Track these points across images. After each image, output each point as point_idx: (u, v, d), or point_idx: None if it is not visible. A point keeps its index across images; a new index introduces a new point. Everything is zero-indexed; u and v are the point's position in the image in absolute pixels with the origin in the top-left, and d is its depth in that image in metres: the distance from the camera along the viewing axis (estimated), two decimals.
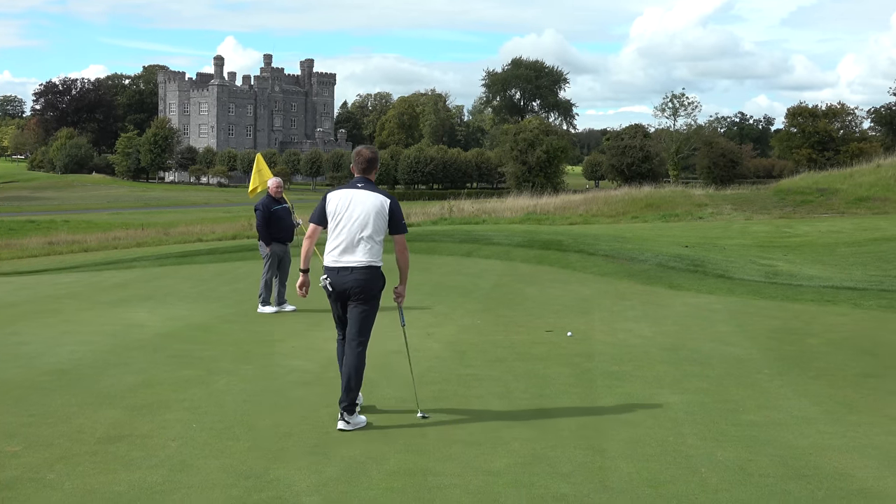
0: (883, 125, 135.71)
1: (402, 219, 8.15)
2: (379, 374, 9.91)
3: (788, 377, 9.95)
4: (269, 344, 11.79)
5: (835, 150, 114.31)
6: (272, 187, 14.89)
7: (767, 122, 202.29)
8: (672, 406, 8.63)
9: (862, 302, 15.21)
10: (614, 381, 9.70)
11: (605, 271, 19.60)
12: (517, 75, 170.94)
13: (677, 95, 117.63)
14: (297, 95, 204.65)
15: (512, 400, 8.86)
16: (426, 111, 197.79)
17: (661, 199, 49.38)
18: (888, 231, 30.94)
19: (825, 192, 47.38)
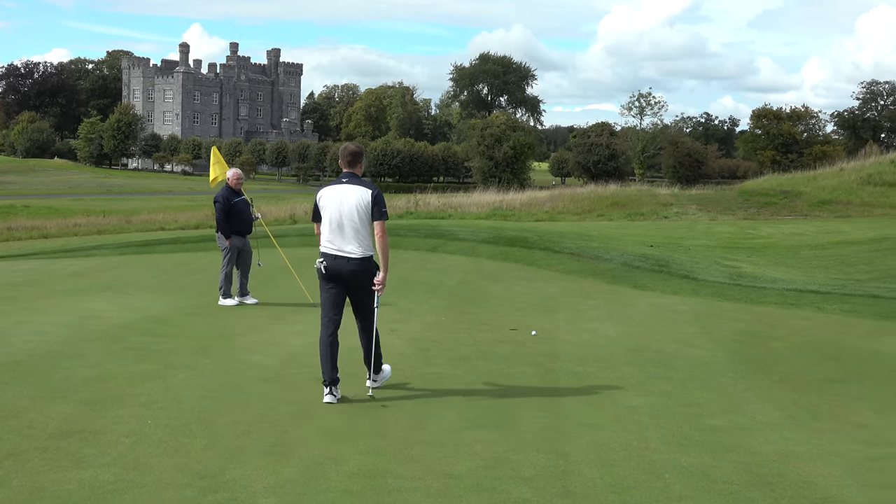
0: (845, 129, 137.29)
1: (382, 206, 8.67)
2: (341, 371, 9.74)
3: (752, 381, 9.91)
4: (229, 338, 11.60)
5: (798, 152, 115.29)
6: (232, 179, 14.67)
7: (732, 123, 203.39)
8: (636, 409, 8.56)
9: (825, 306, 15.25)
10: (578, 383, 9.62)
11: (571, 269, 19.54)
12: (485, 70, 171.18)
13: (644, 94, 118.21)
14: (264, 85, 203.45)
15: (475, 400, 8.75)
16: (393, 104, 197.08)
17: (626, 197, 49.50)
18: (850, 234, 31.16)
19: (789, 195, 47.71)
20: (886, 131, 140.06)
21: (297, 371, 9.77)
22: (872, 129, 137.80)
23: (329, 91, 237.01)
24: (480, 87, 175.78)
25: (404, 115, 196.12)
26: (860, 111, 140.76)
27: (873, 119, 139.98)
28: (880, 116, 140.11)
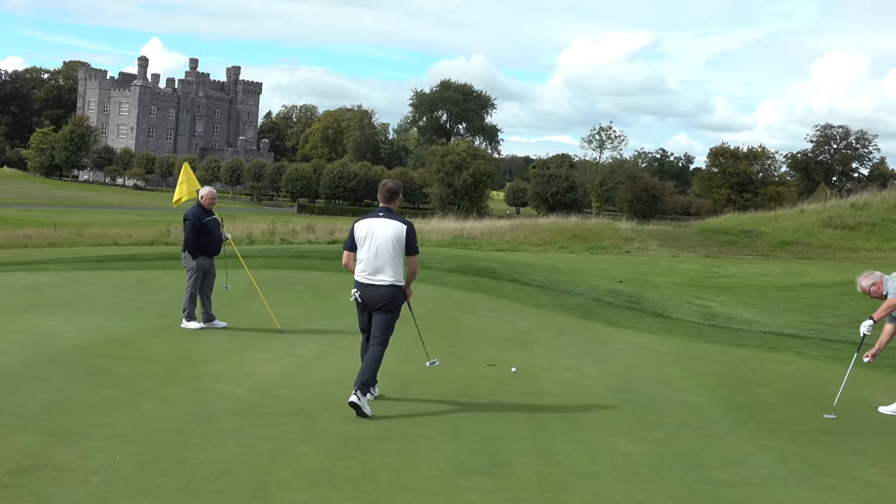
0: (798, 170, 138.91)
1: (414, 242, 9.52)
2: (318, 405, 9.24)
3: (747, 430, 9.54)
4: (195, 364, 11.03)
5: (754, 192, 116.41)
6: (206, 197, 14.11)
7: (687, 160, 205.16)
8: (633, 458, 8.14)
9: (805, 351, 14.99)
10: (568, 426, 9.18)
11: (541, 303, 19.17)
12: (445, 97, 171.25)
13: (605, 128, 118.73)
14: (222, 102, 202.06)
15: (463, 443, 8.26)
16: (351, 126, 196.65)
17: (587, 230, 49.41)
18: (816, 277, 31.14)
19: (750, 234, 47.88)
20: (838, 174, 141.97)
21: (271, 403, 9.23)
22: (825, 172, 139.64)
23: (287, 111, 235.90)
24: (440, 114, 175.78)
25: (362, 139, 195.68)
26: (813, 153, 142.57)
27: (826, 162, 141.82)
28: (832, 160, 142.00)
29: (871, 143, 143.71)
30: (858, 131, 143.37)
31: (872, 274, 11.08)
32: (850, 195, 58.94)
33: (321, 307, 17.11)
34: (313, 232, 44.41)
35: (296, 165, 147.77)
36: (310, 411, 8.93)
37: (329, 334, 14.06)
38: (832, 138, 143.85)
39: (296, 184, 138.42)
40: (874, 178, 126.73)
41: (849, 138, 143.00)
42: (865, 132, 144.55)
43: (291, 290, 18.72)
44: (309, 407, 9.12)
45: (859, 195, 54.78)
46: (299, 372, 10.98)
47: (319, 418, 8.72)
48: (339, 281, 20.74)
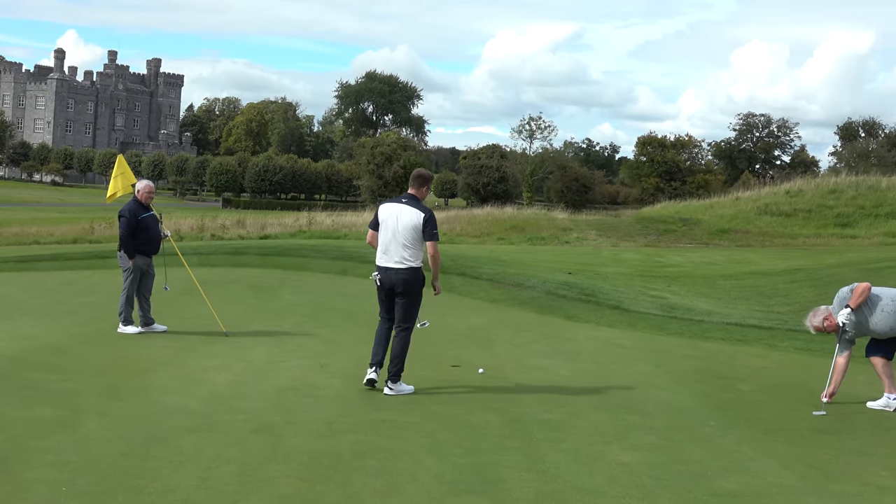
0: (722, 159, 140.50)
1: (433, 228, 9.83)
2: (280, 418, 8.44)
3: (740, 431, 8.98)
4: (139, 374, 10.14)
5: (682, 180, 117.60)
6: (143, 191, 13.16)
7: (613, 149, 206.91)
8: (631, 468, 7.50)
9: (775, 343, 14.56)
10: (552, 433, 8.52)
11: (494, 298, 18.52)
12: (371, 88, 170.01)
13: (535, 118, 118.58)
14: (142, 95, 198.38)
15: (446, 457, 7.55)
16: (275, 119, 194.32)
17: (524, 221, 48.94)
18: (761, 265, 30.98)
19: (688, 223, 47.86)
20: (761, 162, 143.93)
21: (229, 418, 8.40)
22: (748, 160, 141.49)
23: (209, 104, 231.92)
24: (366, 106, 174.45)
25: (286, 131, 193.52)
26: (737, 142, 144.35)
27: (749, 150, 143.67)
28: (755, 148, 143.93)
29: (793, 131, 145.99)
30: (780, 119, 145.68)
31: (818, 310, 10.71)
32: (773, 182, 59.34)
33: (264, 306, 16.24)
34: (244, 227, 43.28)
35: (220, 159, 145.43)
36: (273, 426, 8.14)
37: (277, 336, 13.25)
38: (755, 127, 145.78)
39: (220, 178, 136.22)
40: (796, 166, 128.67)
41: (771, 126, 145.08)
42: (787, 120, 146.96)
43: (231, 289, 17.81)
44: (271, 421, 8.32)
45: (793, 182, 55.20)
46: (252, 380, 10.17)
47: (284, 434, 7.93)
48: (279, 278, 19.93)
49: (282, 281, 19.46)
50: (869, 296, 10.23)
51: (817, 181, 53.68)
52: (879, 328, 10.23)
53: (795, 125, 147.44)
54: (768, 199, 50.74)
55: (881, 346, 10.40)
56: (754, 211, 48.76)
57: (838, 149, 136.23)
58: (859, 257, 31.10)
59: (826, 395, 10.35)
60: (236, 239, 37.31)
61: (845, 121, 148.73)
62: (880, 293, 10.31)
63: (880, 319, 10.18)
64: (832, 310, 10.45)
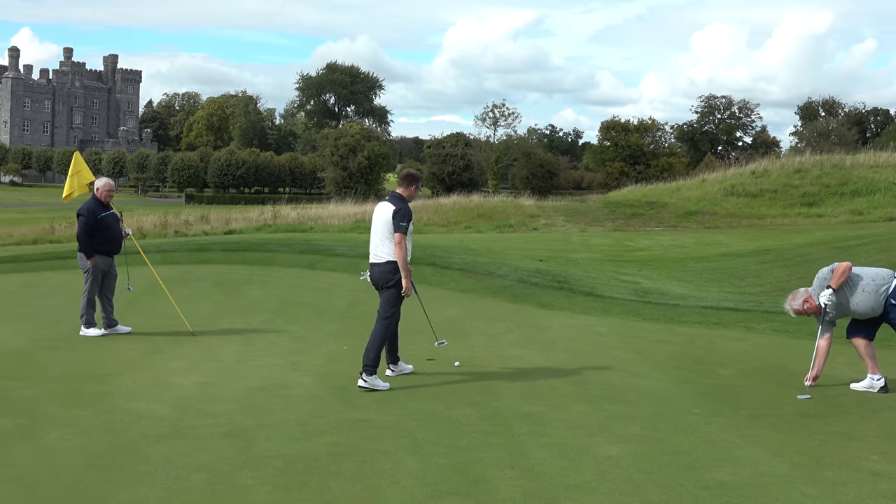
0: (685, 141, 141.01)
1: (399, 220, 9.96)
2: (252, 421, 8.12)
3: (725, 418, 8.76)
4: (103, 379, 9.77)
5: (646, 163, 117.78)
6: (103, 190, 12.75)
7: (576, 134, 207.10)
8: (618, 461, 7.26)
9: (752, 325, 14.38)
10: (534, 427, 8.26)
11: (465, 287, 18.26)
12: (332, 80, 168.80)
13: (498, 105, 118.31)
14: (100, 92, 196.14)
15: (427, 456, 7.27)
16: (236, 113, 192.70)
17: (492, 209, 48.69)
18: (731, 246, 30.92)
19: (655, 206, 47.79)
20: (723, 144, 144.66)
21: (198, 423, 8.07)
22: (710, 142, 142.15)
23: (169, 99, 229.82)
24: (328, 97, 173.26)
25: (248, 125, 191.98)
26: (699, 124, 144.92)
27: (711, 132, 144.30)
28: (717, 130, 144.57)
29: (754, 112, 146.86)
30: (741, 101, 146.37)
31: (797, 293, 10.51)
32: (736, 163, 59.43)
33: (231, 304, 15.89)
34: (208, 222, 42.71)
35: (181, 155, 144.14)
36: (244, 430, 7.82)
37: (245, 334, 12.92)
38: (716, 109, 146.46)
39: (182, 173, 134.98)
40: (758, 147, 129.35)
41: (732, 108, 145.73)
42: (748, 101, 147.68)
43: (197, 287, 17.43)
44: (242, 424, 8.01)
45: (758, 162, 55.29)
46: (222, 381, 9.84)
47: (257, 438, 7.61)
48: (245, 274, 19.57)
49: (248, 277, 19.10)
50: (849, 276, 10.06)
51: (782, 161, 53.87)
52: (860, 308, 10.06)
53: (756, 106, 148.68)
54: (734, 181, 50.79)
55: (862, 327, 10.24)
56: (721, 192, 48.80)
57: (799, 129, 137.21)
58: (828, 236, 31.13)
59: (809, 378, 10.16)
60: (200, 235, 36.78)
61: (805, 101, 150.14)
62: (861, 273, 10.14)
63: (861, 300, 10.01)
64: (812, 291, 10.26)
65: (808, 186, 47.82)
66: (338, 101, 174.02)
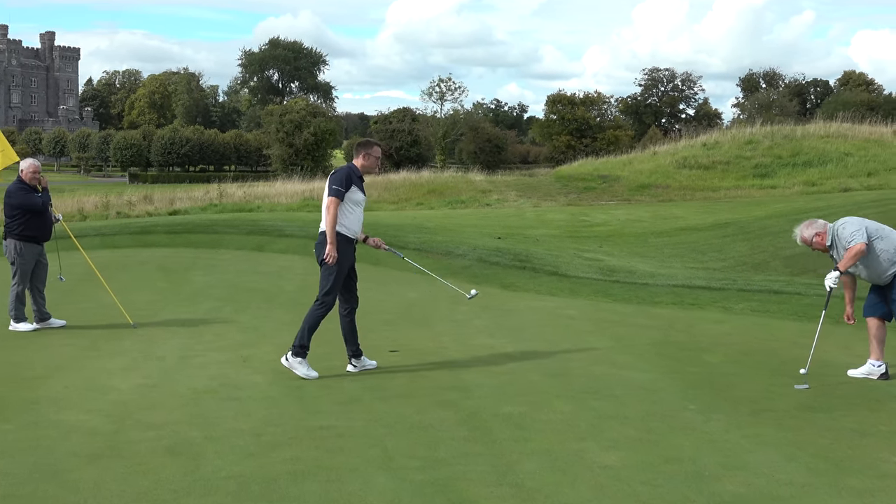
0: (629, 114, 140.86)
1: (332, 183, 9.09)
2: (199, 432, 7.13)
3: (724, 415, 7.92)
4: (30, 384, 8.67)
5: (592, 137, 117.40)
6: (28, 171, 11.56)
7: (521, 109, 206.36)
8: (616, 471, 6.39)
9: (730, 305, 13.62)
10: (517, 431, 7.35)
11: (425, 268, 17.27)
12: (275, 56, 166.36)
13: (444, 80, 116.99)
14: (38, 70, 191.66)
15: (399, 471, 6.34)
16: (179, 90, 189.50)
17: (442, 184, 47.67)
18: (689, 220, 30.23)
19: (607, 179, 47.10)
20: (667, 116, 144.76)
21: (137, 436, 7.05)
22: (654, 115, 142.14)
23: (109, 77, 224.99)
24: (271, 73, 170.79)
25: (191, 102, 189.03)
26: (642, 97, 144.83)
27: (655, 105, 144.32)
28: (661, 102, 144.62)
29: (697, 85, 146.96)
30: (684, 73, 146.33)
31: (815, 223, 9.69)
32: (680, 136, 58.97)
33: (175, 291, 14.79)
34: (151, 203, 41.23)
35: (123, 133, 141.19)
36: (190, 444, 6.82)
37: (191, 326, 11.88)
38: (659, 81, 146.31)
39: (125, 152, 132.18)
40: (700, 119, 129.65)
41: (675, 81, 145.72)
42: (690, 74, 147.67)
43: (139, 273, 16.29)
44: (188, 437, 7.00)
45: (709, 134, 54.81)
46: (164, 382, 8.81)
47: (205, 454, 6.62)
48: (190, 257, 18.46)
49: (193, 261, 17.96)
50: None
51: (733, 132, 53.39)
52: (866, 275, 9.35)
53: (699, 78, 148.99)
54: (686, 153, 50.25)
55: (881, 305, 9.43)
56: (673, 165, 48.22)
57: (741, 100, 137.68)
58: (786, 208, 30.58)
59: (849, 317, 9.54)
60: (144, 216, 35.39)
61: (746, 73, 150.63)
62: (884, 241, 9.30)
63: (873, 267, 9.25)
64: (827, 235, 9.40)
65: (759, 158, 47.40)
66: (281, 78, 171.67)
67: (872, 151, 46.29)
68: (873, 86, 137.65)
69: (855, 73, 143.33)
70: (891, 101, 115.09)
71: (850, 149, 46.85)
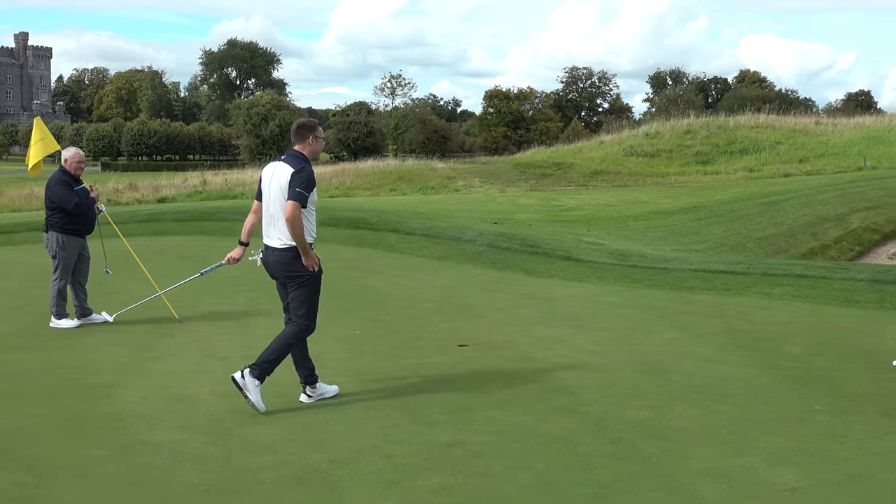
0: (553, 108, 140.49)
1: (297, 185, 6.49)
2: (318, 454, 5.67)
3: (859, 417, 6.67)
4: (100, 393, 7.05)
5: (526, 128, 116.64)
6: (72, 161, 9.89)
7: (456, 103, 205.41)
8: (805, 496, 5.09)
9: (766, 291, 12.37)
10: (664, 444, 5.99)
11: (440, 254, 15.84)
12: (233, 55, 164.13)
13: (395, 76, 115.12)
14: (13, 67, 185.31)
15: (573, 502, 4.94)
16: (143, 87, 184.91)
17: (410, 172, 46.01)
18: (656, 204, 29.03)
19: (562, 166, 45.83)
20: (586, 110, 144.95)
21: (254, 461, 5.56)
22: (575, 109, 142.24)
23: (79, 74, 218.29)
24: (229, 71, 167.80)
25: (154, 98, 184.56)
26: (564, 93, 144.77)
27: (575, 100, 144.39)
28: (581, 97, 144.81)
29: (612, 82, 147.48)
30: (600, 71, 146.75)
31: None
32: (598, 129, 58.09)
33: (204, 281, 13.04)
34: (137, 190, 39.01)
35: (95, 126, 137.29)
36: (316, 470, 5.35)
37: (236, 319, 10.38)
38: (578, 79, 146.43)
39: (97, 143, 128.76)
40: (614, 112, 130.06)
41: (592, 78, 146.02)
42: (606, 72, 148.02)
43: (160, 263, 14.53)
44: (309, 461, 5.52)
45: (651, 125, 53.84)
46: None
47: (340, 483, 5.15)
48: (206, 246, 16.77)
49: (209, 249, 16.22)
50: None
51: (672, 123, 52.46)
52: None
53: (614, 76, 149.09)
54: (631, 142, 49.24)
55: None
56: (620, 153, 47.16)
57: (651, 96, 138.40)
58: (746, 192, 29.58)
59: None
60: (134, 203, 33.32)
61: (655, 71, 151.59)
62: None
63: None
64: None
65: (699, 146, 46.55)
66: (239, 75, 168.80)
67: (800, 140, 45.69)
68: (766, 82, 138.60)
69: (750, 72, 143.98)
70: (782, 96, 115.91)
71: (780, 138, 46.19)
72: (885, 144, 42.94)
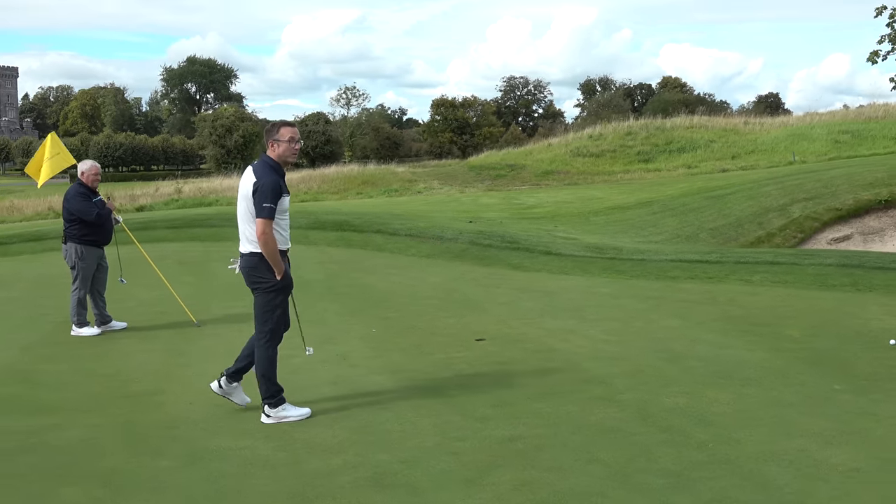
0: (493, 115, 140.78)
1: (262, 200, 5.82)
2: (386, 455, 5.34)
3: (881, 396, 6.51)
4: (146, 401, 6.61)
5: (471, 133, 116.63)
6: (89, 174, 9.41)
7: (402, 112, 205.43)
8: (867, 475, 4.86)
9: (747, 277, 12.28)
10: (712, 430, 5.78)
11: (427, 252, 15.51)
12: (193, 71, 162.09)
13: (350, 88, 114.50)
14: None
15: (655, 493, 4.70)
16: (107, 102, 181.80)
17: (372, 176, 45.48)
18: (612, 200, 28.89)
19: (515, 168, 45.63)
20: (523, 116, 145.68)
21: (322, 466, 5.22)
22: (513, 115, 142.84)
23: (44, 92, 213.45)
24: (189, 86, 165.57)
25: (118, 112, 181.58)
26: (502, 100, 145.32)
27: (513, 107, 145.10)
28: (518, 104, 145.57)
29: (546, 90, 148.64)
30: (535, 80, 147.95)
31: None
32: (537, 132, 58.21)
33: (208, 285, 12.67)
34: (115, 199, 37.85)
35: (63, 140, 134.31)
36: (390, 472, 5.01)
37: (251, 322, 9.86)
38: (516, 87, 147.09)
39: None
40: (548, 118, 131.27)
41: (528, 86, 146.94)
42: (540, 80, 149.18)
43: (162, 269, 13.98)
44: (379, 462, 5.18)
45: (594, 127, 53.88)
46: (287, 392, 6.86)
47: (419, 485, 4.82)
48: (202, 251, 16.26)
49: (206, 254, 15.73)
50: None
51: (613, 125, 52.53)
52: None
53: (547, 84, 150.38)
54: (577, 143, 49.22)
55: None
56: (567, 154, 47.10)
57: (582, 101, 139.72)
58: (692, 188, 29.54)
59: None
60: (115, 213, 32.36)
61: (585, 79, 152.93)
62: None
63: None
64: None
65: (640, 146, 46.69)
66: (199, 90, 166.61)
67: (731, 138, 46.05)
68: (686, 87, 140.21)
69: (672, 78, 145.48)
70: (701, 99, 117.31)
71: (713, 136, 46.52)
72: (808, 140, 43.50)
